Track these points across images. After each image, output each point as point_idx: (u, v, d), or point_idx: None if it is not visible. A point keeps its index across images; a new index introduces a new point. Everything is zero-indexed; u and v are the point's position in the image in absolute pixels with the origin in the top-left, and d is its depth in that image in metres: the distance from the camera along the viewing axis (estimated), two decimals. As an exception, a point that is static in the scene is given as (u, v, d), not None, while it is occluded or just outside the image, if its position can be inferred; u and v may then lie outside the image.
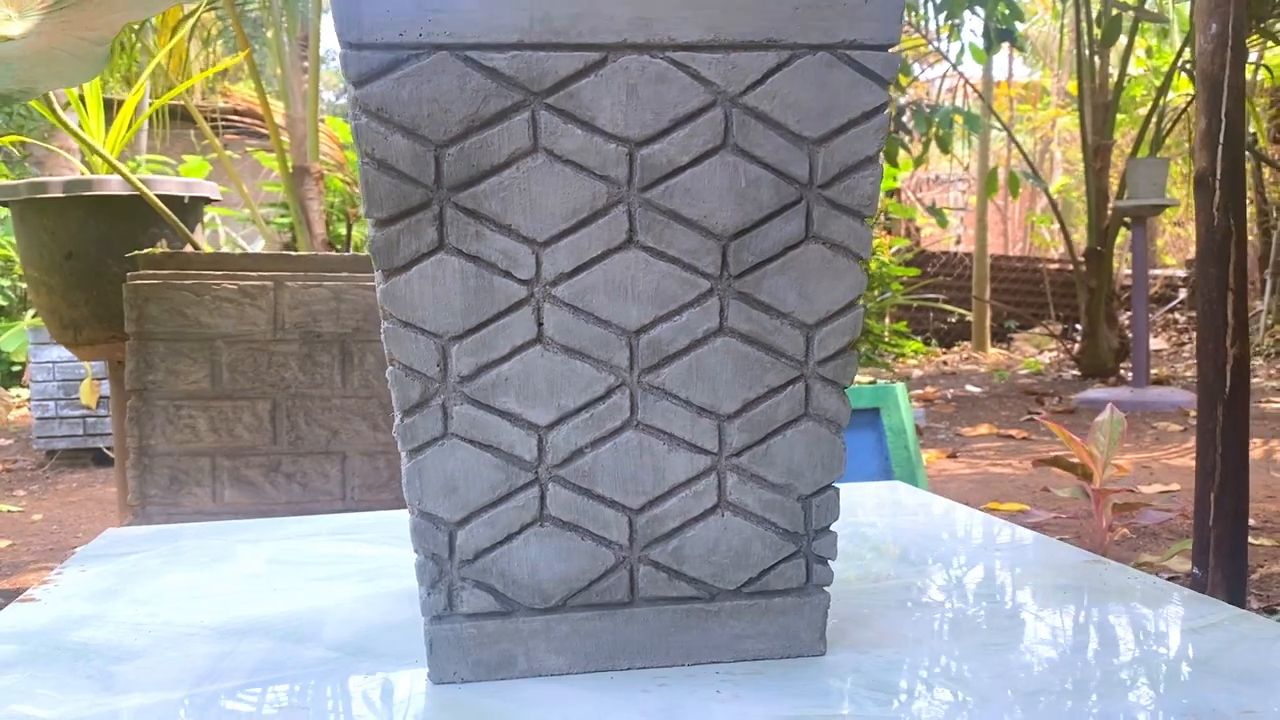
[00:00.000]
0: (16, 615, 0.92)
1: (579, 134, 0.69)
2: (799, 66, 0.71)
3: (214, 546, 1.16)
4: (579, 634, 0.74)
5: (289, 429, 1.64)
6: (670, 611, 0.75)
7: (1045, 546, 1.07)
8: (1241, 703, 0.67)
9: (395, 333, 0.69)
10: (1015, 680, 0.72)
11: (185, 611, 0.92)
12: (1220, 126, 1.41)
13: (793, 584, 0.76)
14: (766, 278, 0.73)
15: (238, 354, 1.62)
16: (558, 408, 0.72)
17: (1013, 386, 6.63)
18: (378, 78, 0.67)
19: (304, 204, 3.65)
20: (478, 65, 0.68)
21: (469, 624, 0.73)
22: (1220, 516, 1.42)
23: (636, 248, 0.71)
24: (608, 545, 0.74)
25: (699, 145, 0.71)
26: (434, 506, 0.71)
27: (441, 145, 0.68)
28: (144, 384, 1.60)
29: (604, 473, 0.73)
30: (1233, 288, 1.40)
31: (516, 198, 0.69)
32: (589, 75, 0.69)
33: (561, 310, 0.71)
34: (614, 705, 0.69)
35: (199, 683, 0.74)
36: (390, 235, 0.68)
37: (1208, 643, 0.79)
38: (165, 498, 1.61)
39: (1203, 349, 1.44)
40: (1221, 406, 1.41)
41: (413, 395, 0.70)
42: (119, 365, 2.31)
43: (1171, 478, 3.25)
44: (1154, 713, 0.66)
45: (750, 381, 0.74)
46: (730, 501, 0.75)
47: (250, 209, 3.20)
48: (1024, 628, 0.83)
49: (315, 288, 1.64)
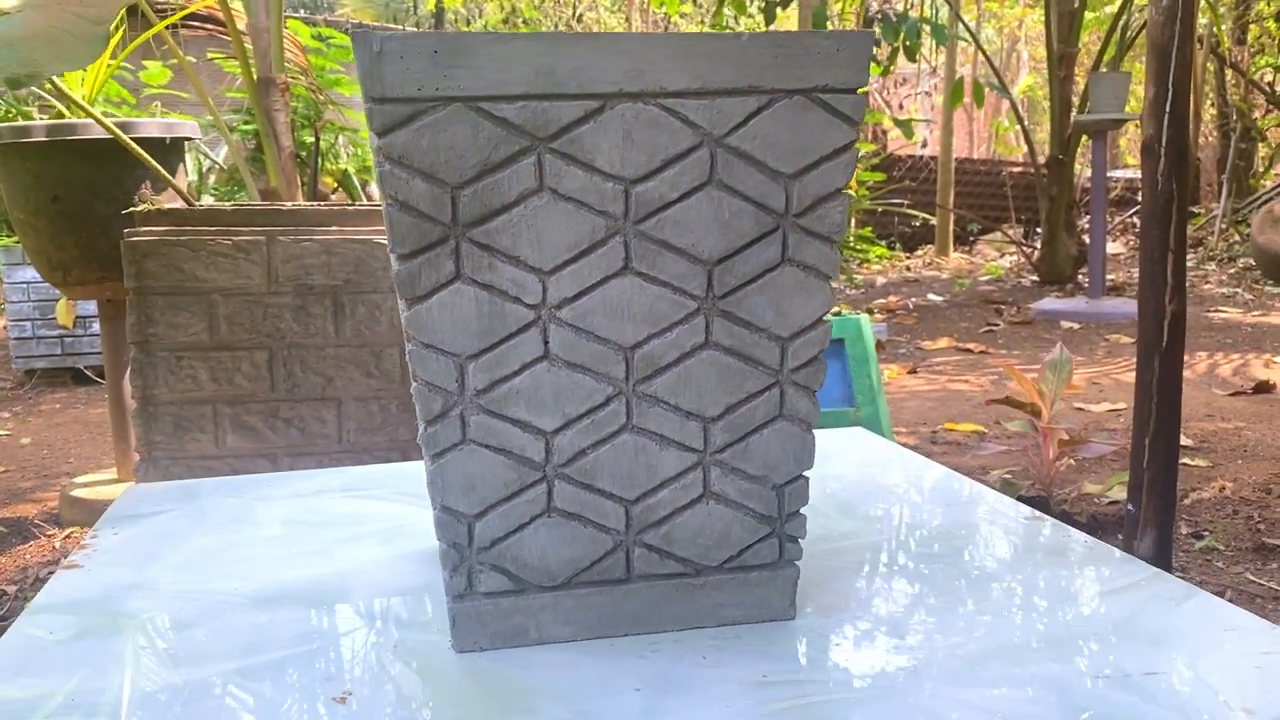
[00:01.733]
0: (66, 584, 1.01)
1: (580, 174, 0.77)
2: (777, 110, 0.79)
3: (232, 506, 1.25)
4: (582, 607, 0.85)
5: (286, 377, 1.72)
6: (662, 586, 0.86)
7: (996, 505, 1.19)
8: (1147, 664, 0.80)
9: (419, 353, 0.78)
10: (954, 644, 0.83)
11: (220, 578, 1.02)
12: (1167, 96, 1.49)
13: (767, 560, 0.87)
14: (747, 297, 0.82)
15: (234, 307, 1.69)
16: (563, 415, 0.81)
17: (973, 294, 6.77)
18: (399, 128, 0.74)
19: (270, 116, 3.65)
20: (489, 115, 0.75)
21: (487, 601, 0.83)
22: (1154, 459, 1.55)
23: (632, 274, 0.80)
24: (607, 531, 0.84)
25: (687, 182, 0.79)
26: (455, 503, 0.81)
27: (457, 187, 0.76)
28: (145, 336, 1.67)
29: (603, 470, 0.83)
30: (1173, 249, 1.51)
31: (525, 232, 0.77)
32: (589, 122, 0.77)
33: (565, 330, 0.80)
34: (614, 672, 0.80)
35: (246, 653, 0.85)
36: (412, 268, 0.77)
37: (1124, 604, 0.91)
38: (170, 444, 1.70)
39: (1144, 306, 1.55)
40: (1158, 359, 1.53)
41: (435, 407, 0.79)
42: (108, 304, 2.36)
43: (1120, 395, 3.41)
44: (1067, 676, 0.78)
45: (732, 388, 0.83)
46: (714, 492, 0.85)
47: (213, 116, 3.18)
48: (966, 591, 0.94)
49: (306, 242, 1.70)
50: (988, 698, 0.75)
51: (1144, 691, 0.76)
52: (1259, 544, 1.85)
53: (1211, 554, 1.81)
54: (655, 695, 0.76)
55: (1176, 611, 0.89)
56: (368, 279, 1.73)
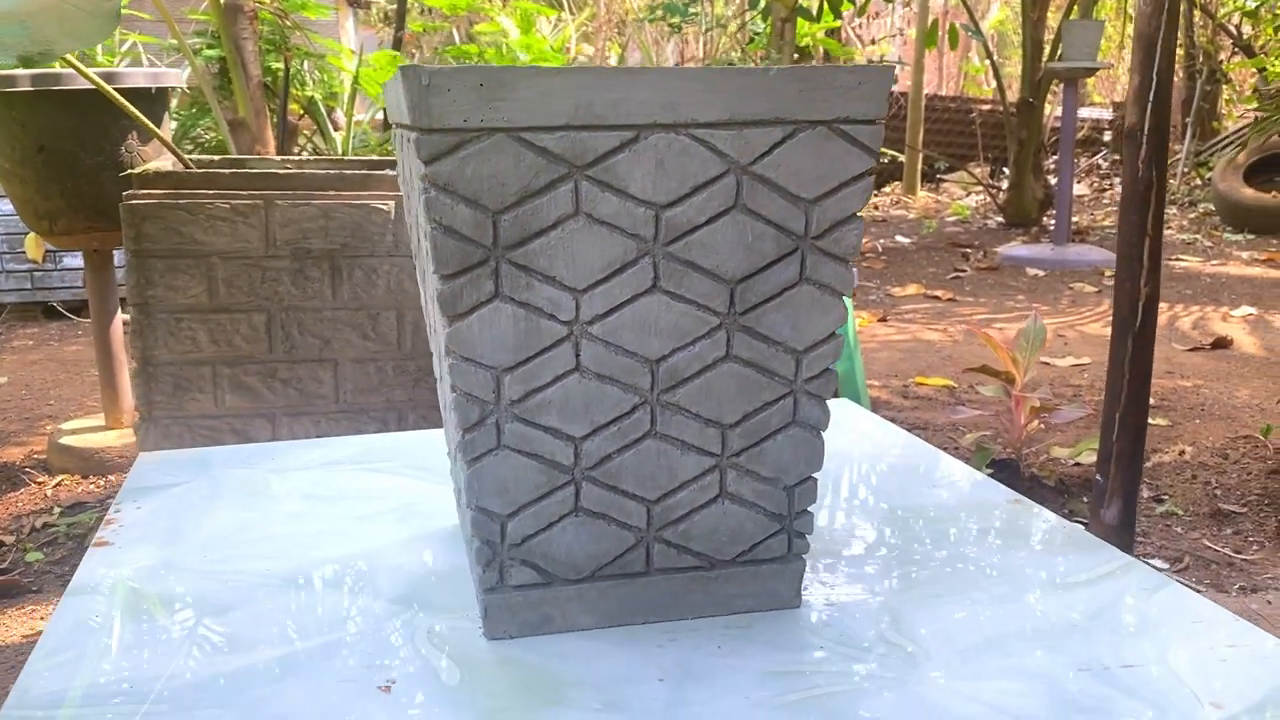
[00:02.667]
0: (100, 565, 1.05)
1: (614, 200, 0.81)
2: (801, 139, 0.83)
3: (245, 478, 1.30)
4: (605, 598, 0.91)
5: (284, 339, 1.75)
6: (678, 578, 0.92)
7: (981, 489, 1.26)
8: (1123, 656, 0.87)
9: (459, 366, 0.83)
10: (948, 634, 0.91)
11: (249, 557, 1.06)
12: (1152, 85, 1.54)
13: (777, 554, 0.94)
14: (766, 314, 0.87)
15: (233, 270, 1.71)
16: (591, 423, 0.86)
17: (941, 236, 6.85)
18: (445, 157, 0.78)
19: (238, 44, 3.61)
20: (530, 145, 0.79)
21: (516, 594, 0.89)
22: (1123, 433, 1.63)
23: (659, 292, 0.84)
24: (629, 529, 0.90)
25: (714, 207, 0.83)
26: (489, 503, 0.86)
27: (498, 212, 0.80)
28: (144, 299, 1.69)
29: (627, 473, 0.88)
30: (1150, 233, 1.57)
31: (561, 254, 0.82)
32: (624, 151, 0.80)
33: (596, 345, 0.85)
34: (637, 662, 0.86)
35: (288, 639, 0.90)
36: (455, 288, 0.81)
37: (1100, 594, 0.98)
38: (170, 404, 1.73)
39: (1120, 287, 1.62)
40: (1132, 338, 1.60)
41: (472, 416, 0.84)
42: (95, 254, 2.36)
43: (1084, 349, 3.50)
44: (1051, 669, 0.86)
45: (750, 398, 0.89)
46: (729, 492, 0.91)
47: (177, 39, 3.12)
48: (956, 578, 1.02)
49: (304, 206, 1.72)
50: (983, 690, 0.82)
51: (1122, 685, 0.83)
52: (1215, 510, 1.95)
53: (1171, 519, 1.91)
54: (678, 685, 0.83)
55: (1149, 602, 0.97)
56: (364, 243, 1.76)
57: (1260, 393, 2.87)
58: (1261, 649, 0.88)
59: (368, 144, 4.69)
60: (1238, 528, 1.84)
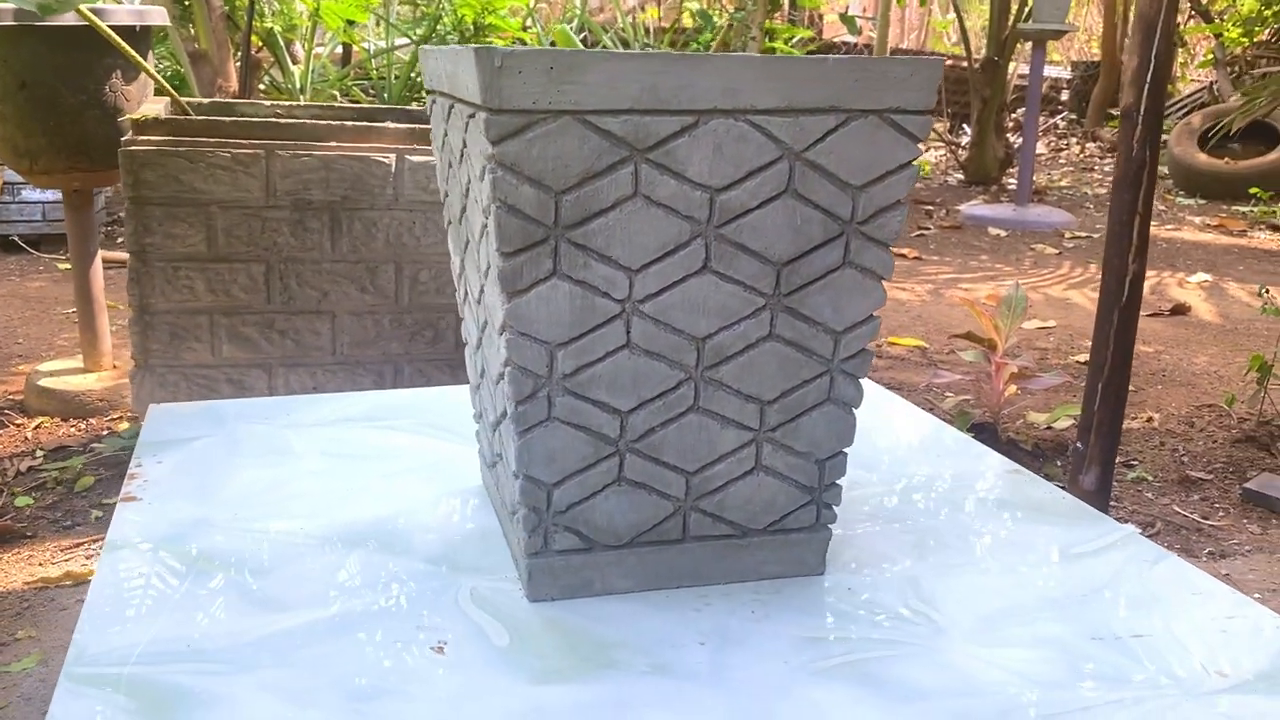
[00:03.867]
0: (133, 521, 1.07)
1: (672, 183, 0.84)
2: (853, 128, 0.86)
3: (264, 433, 1.31)
4: (643, 563, 0.95)
5: (282, 290, 1.75)
6: (712, 545, 0.96)
7: (981, 459, 1.31)
8: (1132, 627, 0.93)
9: (515, 341, 0.85)
10: (968, 602, 0.96)
11: (280, 515, 1.08)
12: (1150, 67, 1.58)
13: (805, 524, 0.98)
14: (810, 296, 0.90)
15: (232, 219, 1.70)
16: (638, 397, 0.89)
17: (904, 192, 6.89)
18: (512, 138, 0.79)
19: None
20: (595, 128, 0.80)
21: (559, 558, 0.93)
22: (1104, 403, 1.69)
23: (709, 273, 0.87)
24: (668, 498, 0.93)
25: (767, 191, 0.86)
26: (537, 472, 0.89)
27: (561, 193, 0.82)
28: (142, 246, 1.67)
29: (669, 445, 0.91)
30: (1140, 212, 1.62)
31: (618, 234, 0.84)
32: (684, 135, 0.82)
33: (646, 322, 0.87)
34: (676, 625, 0.90)
35: (335, 599, 0.93)
36: (515, 265, 0.83)
37: (1105, 566, 1.04)
38: (167, 352, 1.72)
39: (1109, 263, 1.67)
40: (1118, 313, 1.66)
41: (525, 389, 0.86)
42: (75, 194, 2.32)
43: (1049, 312, 3.59)
44: (1066, 637, 0.91)
45: (789, 376, 0.92)
46: (764, 465, 0.94)
47: None
48: (968, 548, 1.06)
49: (305, 157, 1.71)
50: (1007, 657, 0.87)
51: (1133, 653, 0.89)
52: (1183, 476, 2.03)
53: (1142, 484, 1.99)
54: (718, 649, 0.87)
55: (1150, 574, 1.03)
56: (365, 195, 1.75)
57: (1217, 360, 2.97)
58: (1258, 622, 0.94)
59: (327, 79, 4.61)
60: (1204, 494, 1.92)
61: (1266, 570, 1.60)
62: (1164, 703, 0.82)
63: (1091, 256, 4.63)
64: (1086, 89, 10.78)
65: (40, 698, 1.25)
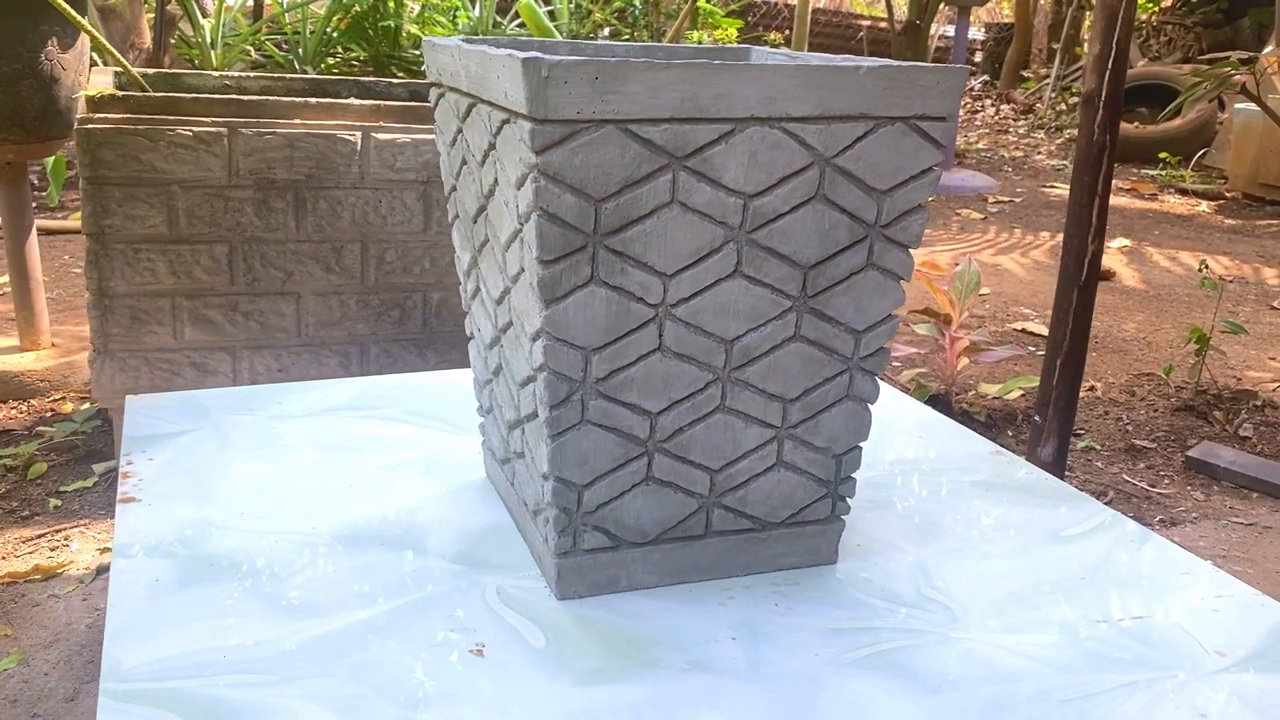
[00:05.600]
0: (138, 524, 1.05)
1: (708, 190, 0.84)
2: (881, 134, 0.87)
3: (251, 425, 1.29)
4: (667, 559, 0.97)
5: (245, 271, 1.71)
6: (733, 539, 0.98)
7: (964, 441, 1.35)
8: (1130, 608, 0.98)
9: (552, 347, 0.85)
10: (975, 586, 1.00)
11: (290, 515, 1.07)
12: (1111, 53, 1.63)
13: (821, 516, 1.01)
14: (834, 297, 0.92)
15: (194, 199, 1.65)
16: (668, 398, 0.90)
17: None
18: (556, 147, 0.79)
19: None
20: (636, 137, 0.81)
21: (587, 557, 0.94)
22: (1063, 378, 1.76)
23: (740, 276, 0.88)
24: (693, 495, 0.95)
25: (797, 197, 0.87)
26: (569, 474, 0.90)
27: (600, 200, 0.82)
28: (101, 228, 1.61)
29: (696, 444, 0.93)
30: (1099, 194, 1.67)
31: (654, 241, 0.84)
32: (721, 143, 0.83)
33: (678, 326, 0.88)
34: (705, 620, 0.92)
35: (362, 601, 0.93)
36: (555, 273, 0.83)
37: (1094, 548, 1.09)
38: (127, 337, 1.67)
39: (1069, 244, 1.72)
40: (1077, 291, 1.72)
41: (560, 393, 0.87)
42: (8, 166, 2.23)
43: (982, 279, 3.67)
44: (1073, 621, 0.96)
45: (811, 374, 0.94)
46: (785, 461, 0.97)
47: None
48: (967, 533, 1.11)
49: (269, 135, 1.66)
50: (1023, 643, 0.91)
51: (1137, 635, 0.94)
52: (1130, 445, 2.12)
53: (1091, 453, 2.08)
54: (750, 644, 0.89)
55: (1137, 555, 1.08)
56: (330, 174, 1.72)
57: (1145, 326, 3.09)
58: (1245, 600, 1.00)
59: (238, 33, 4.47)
60: (1150, 462, 2.01)
61: (1215, 537, 1.69)
62: (1174, 684, 0.87)
63: (1016, 221, 4.74)
64: (1000, 51, 10.98)
65: (26, 699, 1.22)
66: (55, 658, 1.30)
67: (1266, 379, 2.58)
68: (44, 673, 1.27)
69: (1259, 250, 4.32)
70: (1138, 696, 0.85)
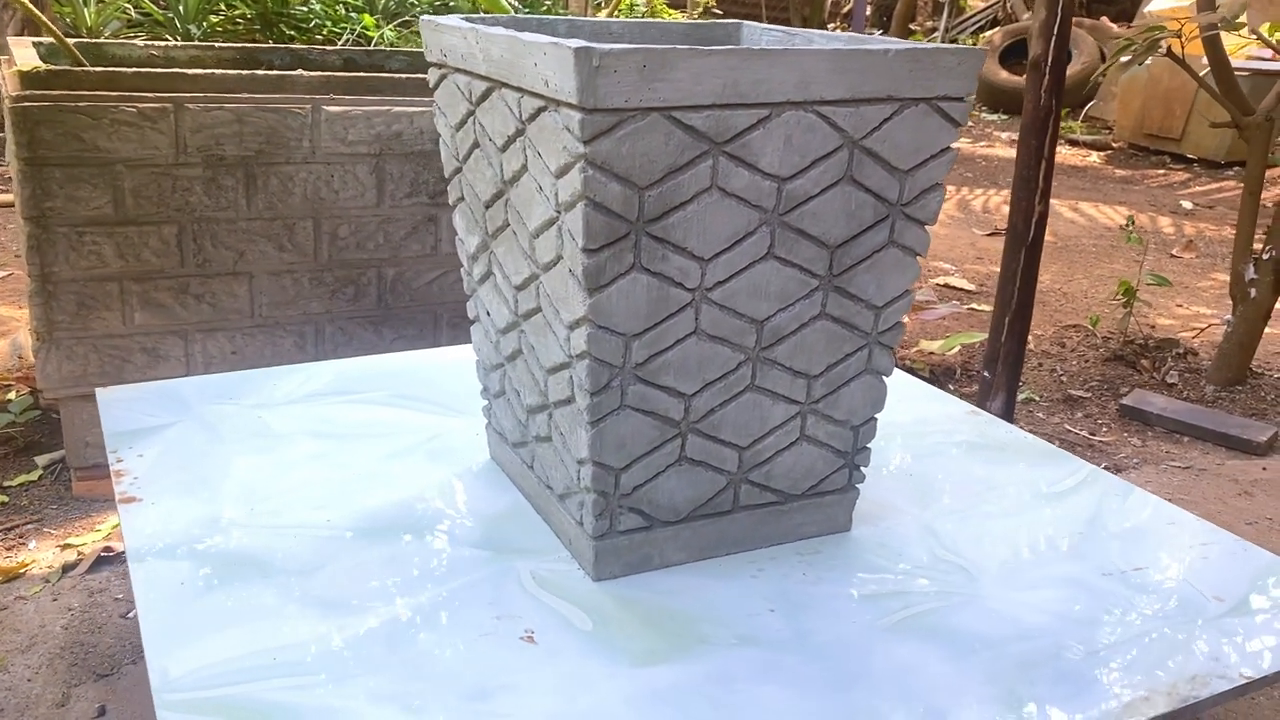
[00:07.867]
0: (144, 522, 1.02)
1: (745, 174, 0.85)
2: (905, 115, 0.89)
3: (235, 415, 1.25)
4: (697, 536, 0.98)
5: (196, 252, 1.65)
6: (758, 513, 1.01)
7: (937, 401, 1.40)
8: (1129, 560, 1.03)
9: (595, 335, 0.85)
10: (984, 547, 1.04)
11: (301, 507, 1.05)
12: (1057, 19, 1.68)
13: (839, 486, 1.03)
14: (857, 275, 0.94)
15: (140, 179, 1.58)
16: (702, 380, 0.92)
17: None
18: (604, 136, 0.79)
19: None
20: (680, 124, 0.81)
21: (622, 538, 0.95)
22: (1010, 335, 1.82)
23: (772, 258, 0.90)
24: (723, 473, 0.97)
25: (828, 178, 0.89)
26: (608, 459, 0.91)
27: (644, 188, 0.82)
28: (42, 211, 1.53)
29: (727, 423, 0.95)
30: (1046, 156, 1.73)
31: (694, 226, 0.85)
32: (759, 128, 0.84)
33: (713, 309, 0.89)
34: (741, 594, 0.94)
35: (397, 594, 0.92)
36: (599, 261, 0.83)
37: (1084, 503, 1.14)
38: (74, 324, 1.59)
39: (1016, 205, 1.78)
40: (1024, 250, 1.78)
41: (601, 380, 0.88)
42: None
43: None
44: (1080, 575, 1.01)
45: (834, 351, 0.96)
46: (807, 435, 0.99)
47: None
48: (963, 493, 1.15)
49: (217, 110, 1.60)
50: (1040, 599, 0.96)
51: (1140, 585, 0.99)
52: (1066, 395, 2.21)
53: (1032, 405, 2.16)
54: (790, 615, 0.92)
55: (1125, 508, 1.14)
56: (280, 149, 1.66)
57: (1058, 277, 3.20)
58: (1229, 547, 1.07)
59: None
60: (1086, 411, 2.11)
61: (1159, 481, 1.78)
62: (1189, 631, 0.92)
63: (921, 175, 4.83)
64: (890, 3, 11.13)
65: (12, 708, 1.18)
66: (35, 662, 1.25)
67: (1177, 326, 2.72)
68: (26, 679, 1.23)
69: (1150, 199, 4.51)
70: (1159, 646, 0.90)
